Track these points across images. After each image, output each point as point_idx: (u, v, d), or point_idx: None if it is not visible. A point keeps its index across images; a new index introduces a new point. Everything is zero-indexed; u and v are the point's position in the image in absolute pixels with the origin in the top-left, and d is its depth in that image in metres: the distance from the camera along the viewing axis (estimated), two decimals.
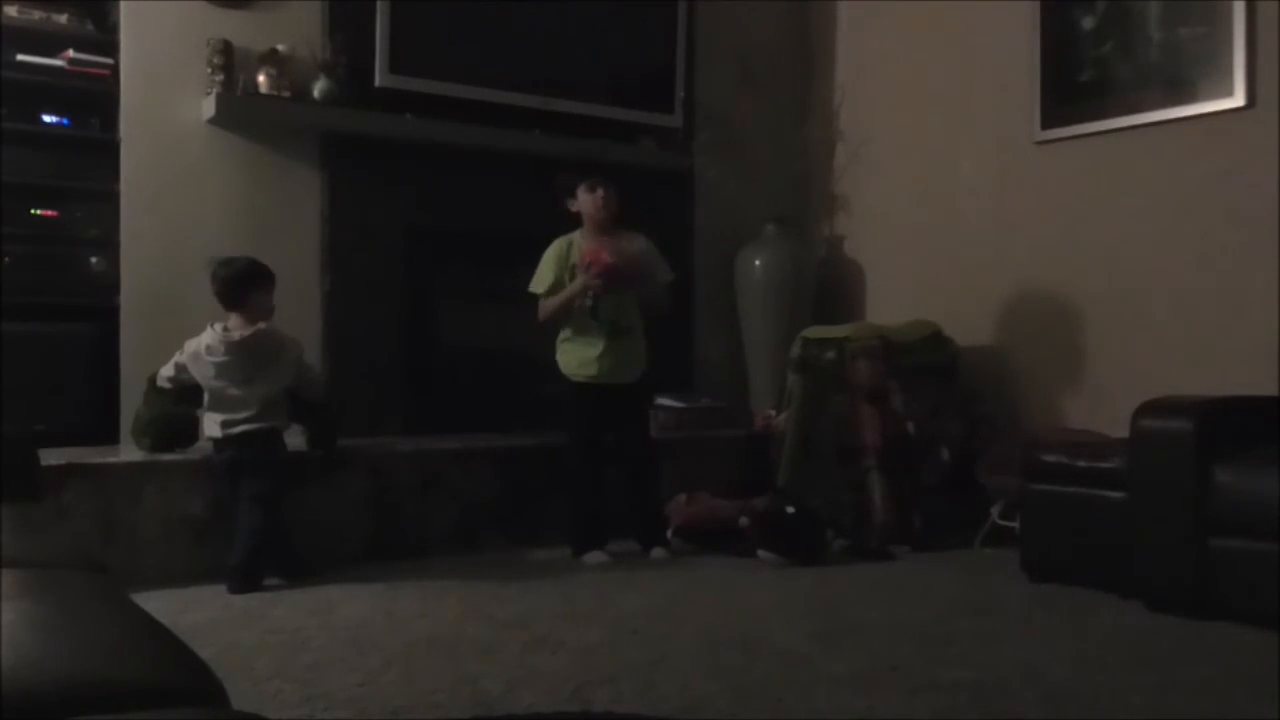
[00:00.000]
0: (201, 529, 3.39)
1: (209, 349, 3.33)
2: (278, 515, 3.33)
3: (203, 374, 3.34)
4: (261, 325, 3.37)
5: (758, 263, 4.81)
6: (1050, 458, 3.34)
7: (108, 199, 3.74)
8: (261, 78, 3.87)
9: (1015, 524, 3.63)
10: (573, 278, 3.70)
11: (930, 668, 2.41)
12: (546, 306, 3.73)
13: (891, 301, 4.80)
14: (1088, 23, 4.10)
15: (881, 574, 3.52)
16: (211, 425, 3.35)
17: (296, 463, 3.49)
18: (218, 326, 3.36)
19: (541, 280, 3.74)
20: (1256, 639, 2.65)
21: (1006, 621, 2.87)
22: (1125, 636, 2.71)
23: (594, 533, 3.73)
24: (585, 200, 3.76)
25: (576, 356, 3.75)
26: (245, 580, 3.19)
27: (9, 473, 2.28)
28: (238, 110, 3.83)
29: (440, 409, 4.25)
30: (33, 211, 3.66)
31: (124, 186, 3.75)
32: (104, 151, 3.74)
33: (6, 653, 1.00)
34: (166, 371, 3.40)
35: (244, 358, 3.32)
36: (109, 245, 3.74)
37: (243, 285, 3.39)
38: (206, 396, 3.36)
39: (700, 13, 4.86)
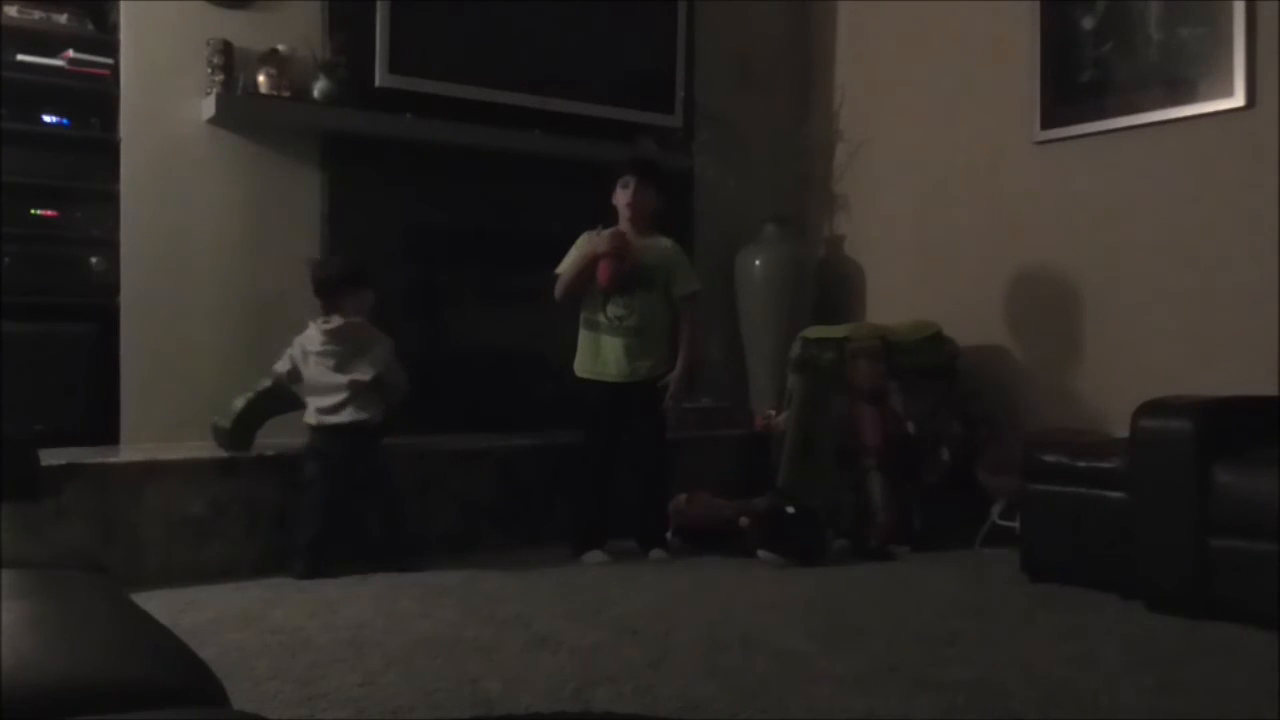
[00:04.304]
0: (201, 529, 3.40)
1: (309, 339, 3.53)
2: (389, 505, 3.53)
3: (303, 363, 3.52)
4: (355, 318, 3.53)
5: (758, 263, 4.81)
6: (1050, 458, 3.34)
7: (108, 199, 3.73)
8: (261, 78, 3.86)
9: (1015, 524, 3.63)
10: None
11: (930, 668, 2.41)
12: (562, 280, 3.77)
13: (891, 301, 4.80)
14: (1088, 23, 4.10)
15: (881, 574, 3.52)
16: (309, 412, 3.51)
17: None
18: (319, 319, 3.54)
19: (565, 262, 3.80)
20: (1256, 639, 2.65)
21: (1006, 621, 2.87)
22: (1125, 636, 2.71)
23: (595, 533, 3.74)
24: (619, 195, 3.81)
25: (582, 354, 3.79)
26: (312, 566, 3.34)
27: (9, 473, 2.27)
28: (238, 110, 3.83)
29: (440, 409, 4.25)
30: (33, 211, 3.65)
31: (124, 186, 3.74)
32: (104, 151, 3.73)
33: (6, 653, 1.00)
34: (281, 366, 3.55)
35: (337, 345, 3.49)
36: (109, 245, 3.74)
37: (336, 286, 3.56)
38: (305, 384, 3.52)
39: (700, 13, 4.86)
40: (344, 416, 3.47)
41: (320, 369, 3.50)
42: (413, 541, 3.55)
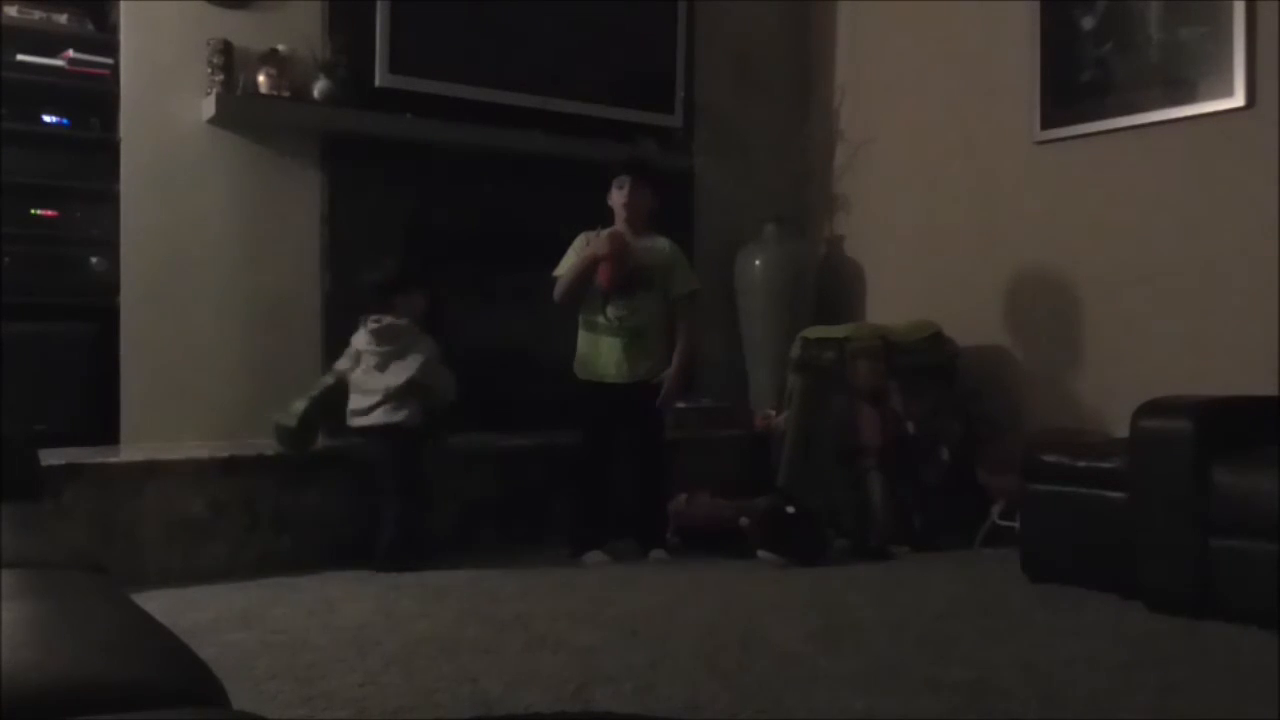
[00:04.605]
0: (201, 529, 3.40)
1: (358, 338, 3.59)
2: (416, 507, 3.53)
3: (352, 361, 3.59)
4: (402, 320, 3.58)
5: (758, 263, 4.81)
6: (1050, 458, 3.34)
7: (108, 199, 3.73)
8: (261, 78, 3.86)
9: (1015, 524, 3.63)
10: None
11: (930, 668, 2.41)
12: (561, 282, 3.78)
13: (891, 301, 4.80)
14: (1088, 23, 4.10)
15: (881, 574, 3.52)
16: (347, 412, 3.56)
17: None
18: (369, 319, 3.59)
19: (563, 264, 3.80)
20: (1256, 639, 2.65)
21: (1006, 621, 2.87)
22: (1125, 636, 2.71)
23: (595, 533, 3.74)
24: (614, 195, 3.81)
25: (581, 355, 3.80)
26: (393, 563, 3.42)
27: (9, 473, 2.27)
28: (238, 110, 3.83)
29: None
30: (33, 211, 3.65)
31: (124, 186, 3.74)
32: (104, 151, 3.73)
33: (6, 653, 1.00)
34: (342, 364, 3.62)
35: (381, 345, 3.54)
36: (109, 245, 3.74)
37: (390, 289, 3.62)
38: (351, 383, 3.57)
39: (700, 13, 4.86)
40: (374, 419, 3.51)
41: (366, 368, 3.56)
42: (425, 542, 3.55)
